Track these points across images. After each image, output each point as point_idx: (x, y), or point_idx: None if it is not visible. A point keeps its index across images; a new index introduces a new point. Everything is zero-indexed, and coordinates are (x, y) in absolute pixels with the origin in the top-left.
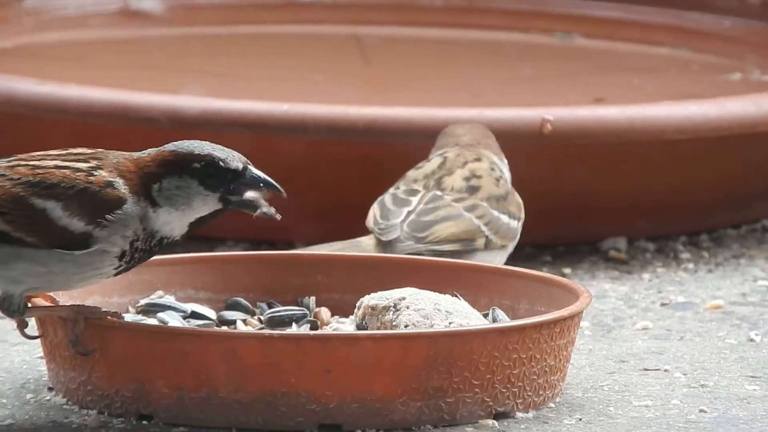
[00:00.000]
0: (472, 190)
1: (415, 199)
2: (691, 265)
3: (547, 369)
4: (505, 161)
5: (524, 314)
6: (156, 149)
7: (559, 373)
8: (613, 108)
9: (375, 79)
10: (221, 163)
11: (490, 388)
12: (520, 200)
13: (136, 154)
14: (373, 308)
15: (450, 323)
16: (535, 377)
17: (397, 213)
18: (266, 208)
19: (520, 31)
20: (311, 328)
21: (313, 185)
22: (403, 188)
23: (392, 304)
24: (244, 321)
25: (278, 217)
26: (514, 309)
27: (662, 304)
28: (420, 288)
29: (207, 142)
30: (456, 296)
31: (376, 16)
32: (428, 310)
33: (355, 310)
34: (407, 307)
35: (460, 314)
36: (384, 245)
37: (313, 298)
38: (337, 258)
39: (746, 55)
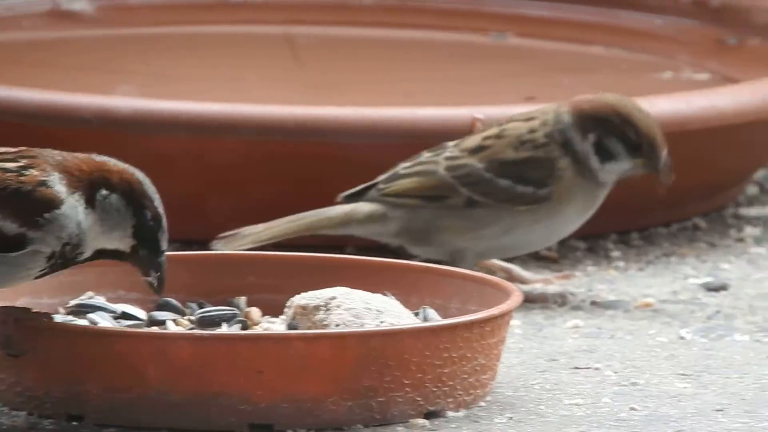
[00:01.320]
0: (480, 149)
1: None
2: (621, 264)
3: (478, 368)
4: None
5: (456, 313)
6: (125, 165)
7: (489, 372)
8: None
9: (308, 79)
10: (162, 224)
11: (422, 387)
12: (557, 168)
13: (96, 156)
14: (303, 308)
15: (381, 322)
16: (466, 376)
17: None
18: (156, 282)
19: (454, 31)
20: (242, 328)
21: (245, 186)
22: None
23: (323, 304)
24: (175, 321)
25: (158, 295)
26: (446, 308)
27: (593, 303)
28: (351, 287)
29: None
30: (387, 295)
31: (308, 15)
32: (359, 310)
33: (286, 309)
34: (338, 307)
35: (392, 313)
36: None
37: (243, 298)
38: (268, 258)
39: (677, 54)
